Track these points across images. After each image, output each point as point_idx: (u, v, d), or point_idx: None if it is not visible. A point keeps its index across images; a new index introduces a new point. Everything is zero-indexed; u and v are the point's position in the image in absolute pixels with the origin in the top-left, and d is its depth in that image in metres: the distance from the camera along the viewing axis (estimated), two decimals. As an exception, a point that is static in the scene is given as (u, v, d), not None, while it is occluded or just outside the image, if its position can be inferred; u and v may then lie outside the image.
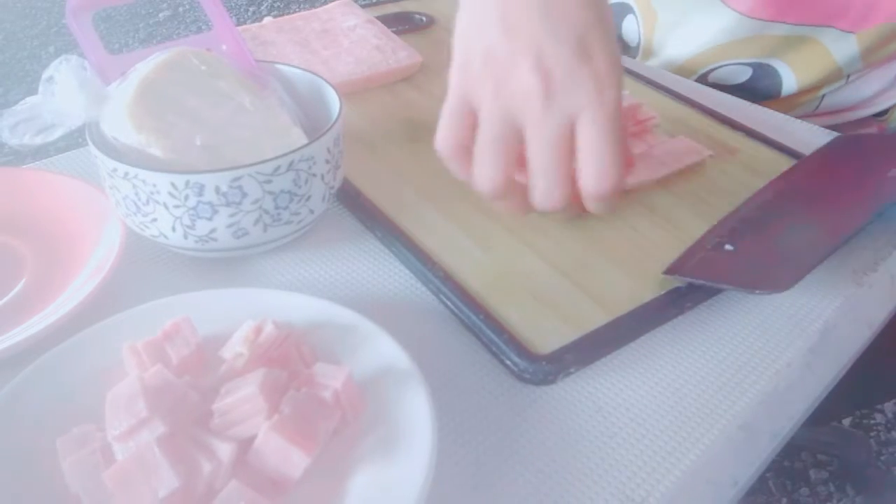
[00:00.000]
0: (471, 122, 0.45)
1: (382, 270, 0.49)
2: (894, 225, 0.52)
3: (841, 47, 0.70)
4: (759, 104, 0.68)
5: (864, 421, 1.29)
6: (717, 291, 0.47)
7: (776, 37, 0.71)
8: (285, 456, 0.34)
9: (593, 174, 0.43)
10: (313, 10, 0.74)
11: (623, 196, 0.52)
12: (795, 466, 1.21)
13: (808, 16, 0.69)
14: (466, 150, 0.45)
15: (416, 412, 0.36)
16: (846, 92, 0.75)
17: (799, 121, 0.65)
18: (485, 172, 0.44)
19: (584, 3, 0.43)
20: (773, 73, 0.74)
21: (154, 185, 0.43)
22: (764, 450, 0.40)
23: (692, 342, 0.44)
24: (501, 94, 0.43)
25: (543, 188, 0.44)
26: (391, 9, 0.82)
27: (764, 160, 0.58)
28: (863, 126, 0.77)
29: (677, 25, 0.76)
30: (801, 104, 0.75)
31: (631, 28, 0.80)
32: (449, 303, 0.45)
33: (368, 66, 0.67)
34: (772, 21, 0.70)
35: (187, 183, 0.43)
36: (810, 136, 0.62)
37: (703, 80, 0.76)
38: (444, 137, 0.46)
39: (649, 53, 0.79)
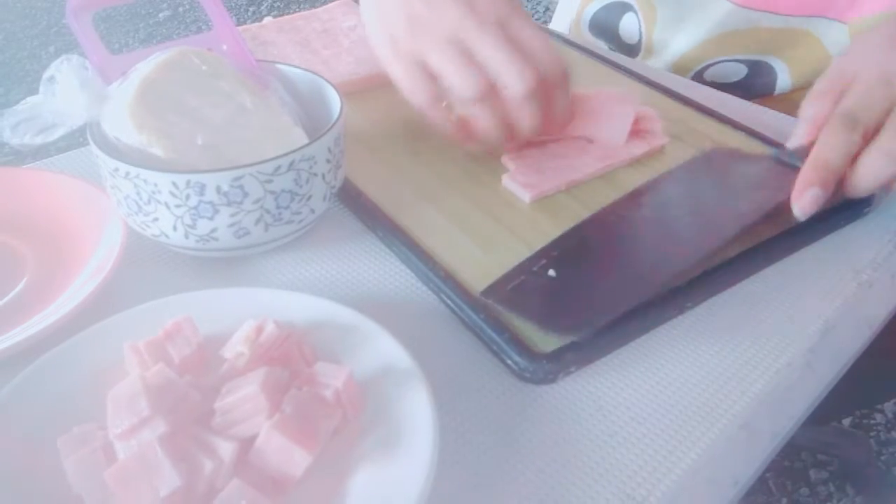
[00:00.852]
0: (428, 74, 0.51)
1: (383, 270, 0.49)
2: (894, 225, 0.52)
3: (835, 40, 0.70)
4: (754, 102, 0.67)
5: (864, 421, 1.29)
6: (718, 290, 0.47)
7: (770, 30, 0.71)
8: (287, 455, 0.34)
9: (547, 50, 0.50)
10: (313, 10, 0.74)
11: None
12: (795, 466, 1.21)
13: (799, 6, 0.69)
14: (437, 99, 0.52)
15: (416, 411, 0.36)
16: None
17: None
18: (464, 81, 0.49)
19: None
20: (768, 71, 0.74)
21: (155, 185, 0.43)
22: (764, 449, 0.40)
23: (692, 342, 0.44)
24: (440, 38, 0.50)
25: (515, 71, 0.49)
26: (391, 9, 0.82)
27: (764, 160, 0.58)
28: None
29: (675, 21, 0.76)
30: (795, 101, 0.75)
31: (631, 26, 0.80)
32: (450, 302, 0.45)
33: (369, 66, 0.67)
34: (763, 11, 0.70)
35: (188, 182, 0.43)
36: (810, 136, 0.62)
37: (699, 77, 0.76)
38: (415, 94, 0.52)
39: (651, 51, 0.79)
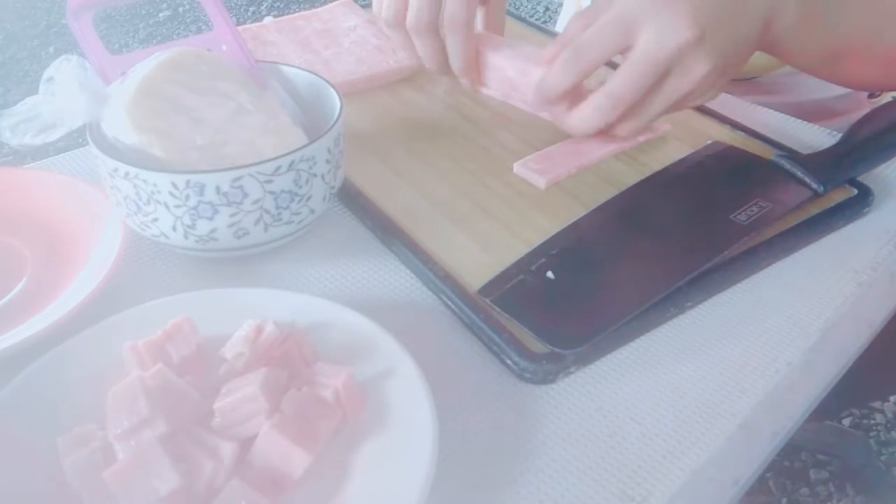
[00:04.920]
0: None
1: (383, 270, 0.49)
2: (894, 225, 0.52)
3: None
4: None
5: (864, 421, 1.29)
6: (718, 290, 0.47)
7: None
8: (286, 455, 0.34)
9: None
10: (314, 10, 0.74)
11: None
12: (795, 466, 1.21)
13: None
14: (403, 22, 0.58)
15: (416, 411, 0.36)
16: None
17: (799, 121, 0.65)
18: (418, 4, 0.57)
19: None
20: None
21: (155, 185, 0.43)
22: (764, 449, 0.40)
23: (692, 342, 0.44)
24: None
25: (414, 6, 0.57)
26: (391, 9, 0.82)
27: (764, 160, 0.58)
28: (855, 106, 0.76)
29: None
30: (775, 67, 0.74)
31: None
32: (449, 302, 0.45)
33: (369, 67, 0.67)
34: None
35: (188, 183, 0.43)
36: (810, 137, 0.62)
37: None
38: (388, 7, 0.59)
39: None
